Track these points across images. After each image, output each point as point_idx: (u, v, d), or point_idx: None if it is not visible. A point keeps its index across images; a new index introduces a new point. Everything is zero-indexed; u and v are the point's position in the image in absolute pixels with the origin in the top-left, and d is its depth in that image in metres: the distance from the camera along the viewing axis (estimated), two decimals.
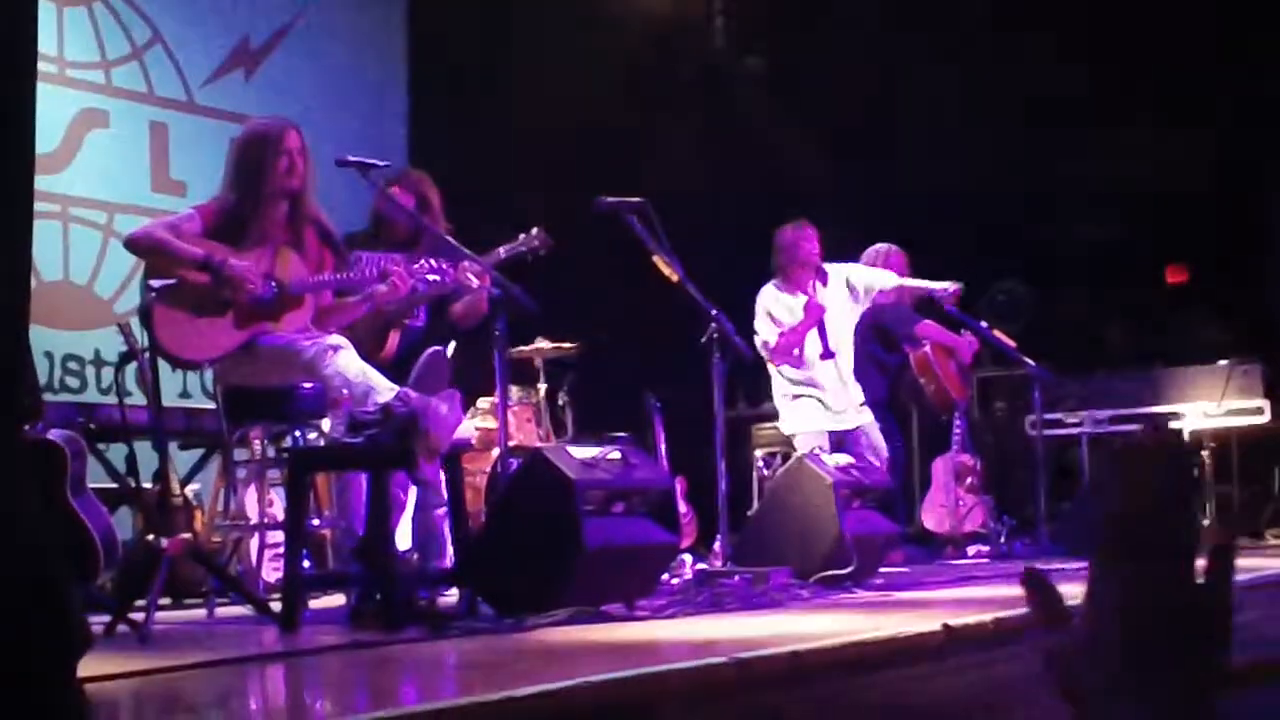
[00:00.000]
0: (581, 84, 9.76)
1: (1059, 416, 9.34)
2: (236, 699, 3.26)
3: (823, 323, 7.45)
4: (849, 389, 7.55)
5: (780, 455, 8.32)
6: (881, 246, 8.23)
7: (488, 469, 7.08)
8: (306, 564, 5.24)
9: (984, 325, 8.55)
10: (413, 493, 5.34)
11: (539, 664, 3.45)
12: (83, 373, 7.63)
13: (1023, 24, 10.15)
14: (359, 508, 5.18)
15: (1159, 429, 7.29)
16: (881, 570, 6.31)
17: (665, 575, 5.43)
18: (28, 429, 5.08)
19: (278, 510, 5.85)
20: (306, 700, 3.32)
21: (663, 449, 8.15)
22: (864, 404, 7.60)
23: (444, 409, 4.45)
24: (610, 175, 6.63)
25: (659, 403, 8.21)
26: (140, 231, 5.19)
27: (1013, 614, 3.94)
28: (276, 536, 5.62)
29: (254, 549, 5.66)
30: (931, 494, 8.82)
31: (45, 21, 7.45)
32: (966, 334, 8.41)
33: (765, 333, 7.47)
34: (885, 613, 4.53)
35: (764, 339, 7.46)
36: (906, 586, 5.80)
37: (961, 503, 8.60)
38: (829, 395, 7.48)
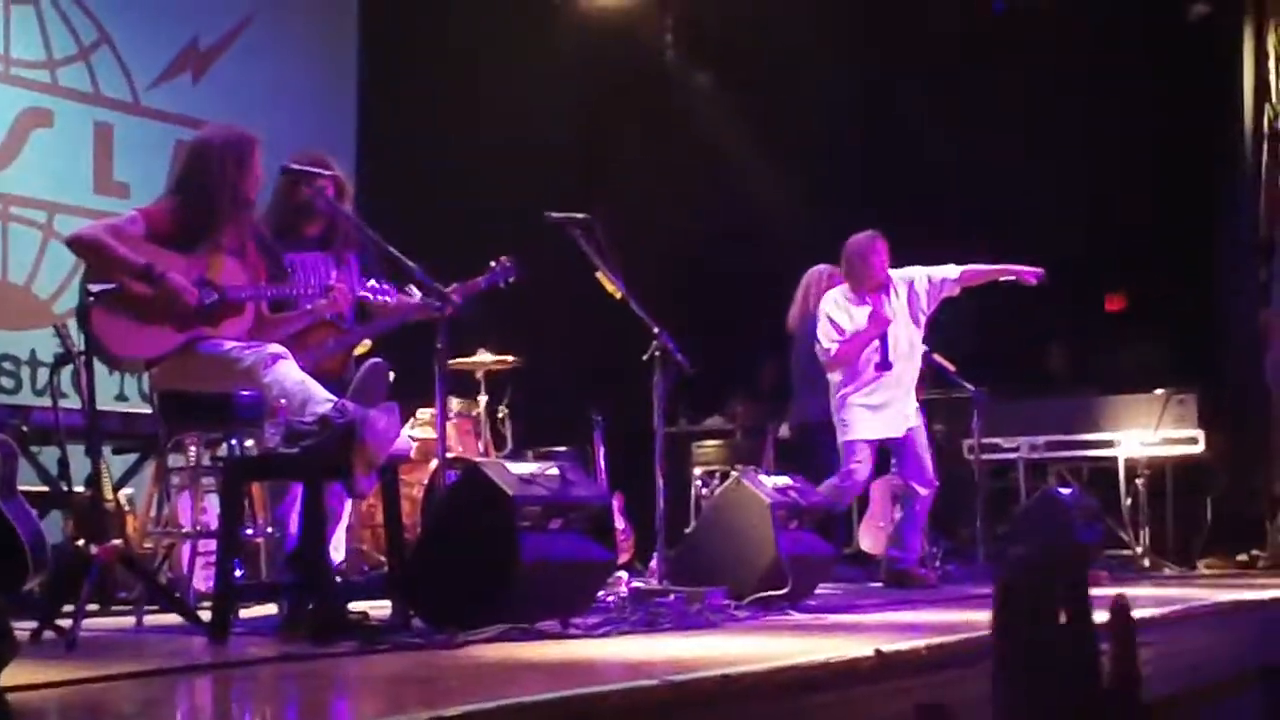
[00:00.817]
0: (531, 92, 9.77)
1: (997, 441, 9.39)
2: (163, 710, 3.23)
3: (885, 334, 7.44)
4: (904, 400, 7.51)
5: (719, 474, 8.32)
6: (823, 268, 8.24)
7: (425, 480, 7.06)
8: (239, 573, 5.19)
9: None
10: (348, 504, 5.31)
11: (470, 682, 3.43)
12: (18, 373, 7.55)
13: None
14: (294, 517, 5.14)
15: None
16: (816, 591, 6.32)
17: (601, 591, 5.42)
18: None
19: (212, 518, 5.79)
20: (234, 713, 3.29)
21: (602, 464, 8.15)
22: (918, 409, 7.60)
23: (383, 421, 4.43)
24: (558, 185, 6.64)
25: (600, 418, 8.20)
26: (82, 232, 5.15)
27: (946, 640, 3.96)
28: (210, 544, 5.56)
29: (186, 556, 5.60)
30: (869, 516, 8.86)
31: None
32: None
33: (826, 340, 7.47)
34: (819, 636, 4.54)
35: (825, 346, 7.46)
36: (841, 609, 5.81)
37: None
38: (881, 403, 7.44)
